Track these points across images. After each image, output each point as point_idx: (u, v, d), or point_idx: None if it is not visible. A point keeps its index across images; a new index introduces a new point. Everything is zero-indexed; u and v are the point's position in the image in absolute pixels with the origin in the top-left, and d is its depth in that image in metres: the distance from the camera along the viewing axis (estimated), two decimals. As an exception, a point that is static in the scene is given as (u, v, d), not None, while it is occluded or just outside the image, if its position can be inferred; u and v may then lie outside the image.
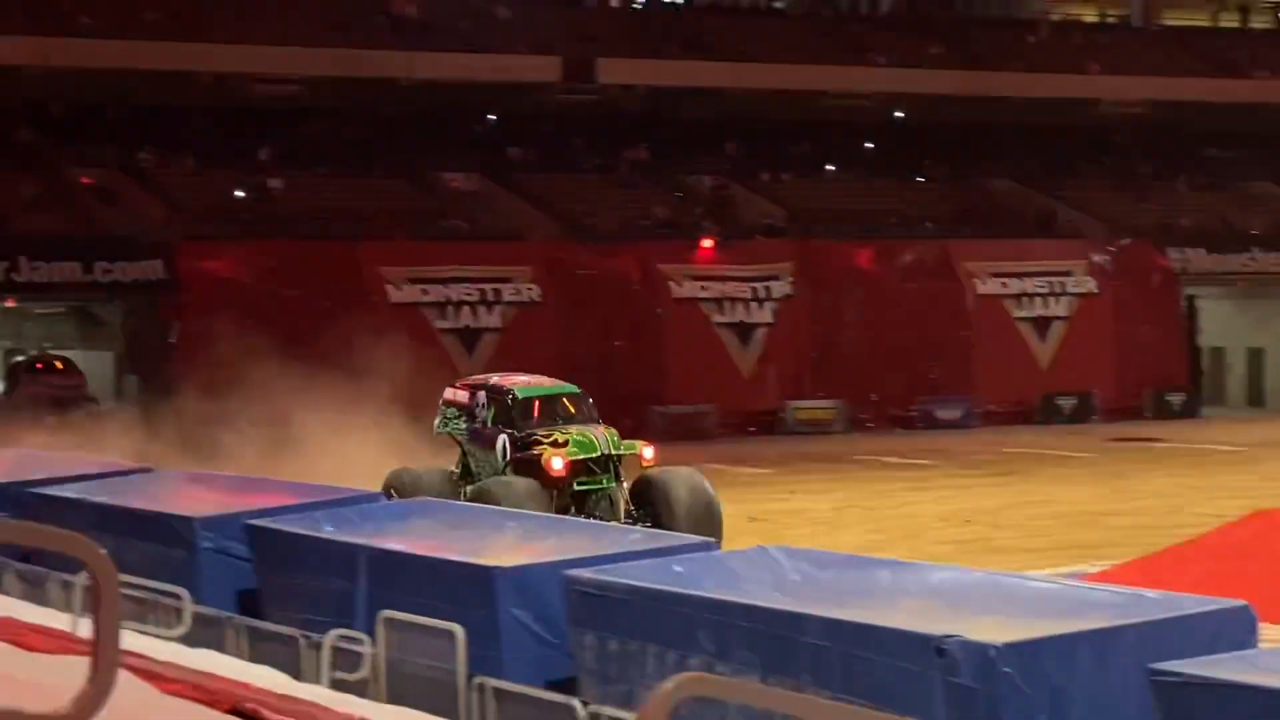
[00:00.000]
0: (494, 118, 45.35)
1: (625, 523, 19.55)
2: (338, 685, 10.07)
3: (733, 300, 39.42)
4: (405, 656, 10.88)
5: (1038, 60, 48.66)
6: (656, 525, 19.38)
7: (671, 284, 39.49)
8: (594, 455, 20.39)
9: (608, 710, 9.52)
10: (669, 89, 44.29)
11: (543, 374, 32.83)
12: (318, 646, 11.07)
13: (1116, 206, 46.66)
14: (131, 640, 7.82)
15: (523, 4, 47.94)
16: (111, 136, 40.89)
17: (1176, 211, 47.10)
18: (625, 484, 20.87)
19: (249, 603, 13.42)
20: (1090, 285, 42.23)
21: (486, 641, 11.01)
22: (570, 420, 21.47)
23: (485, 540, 13.75)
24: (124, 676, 4.84)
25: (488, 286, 37.75)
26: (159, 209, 38.80)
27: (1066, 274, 42.31)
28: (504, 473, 20.95)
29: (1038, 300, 41.59)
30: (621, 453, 20.85)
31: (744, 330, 39.01)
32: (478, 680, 10.48)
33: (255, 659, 10.43)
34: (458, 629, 10.53)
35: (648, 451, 21.26)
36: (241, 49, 40.38)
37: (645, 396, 32.45)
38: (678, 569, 11.40)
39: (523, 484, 19.28)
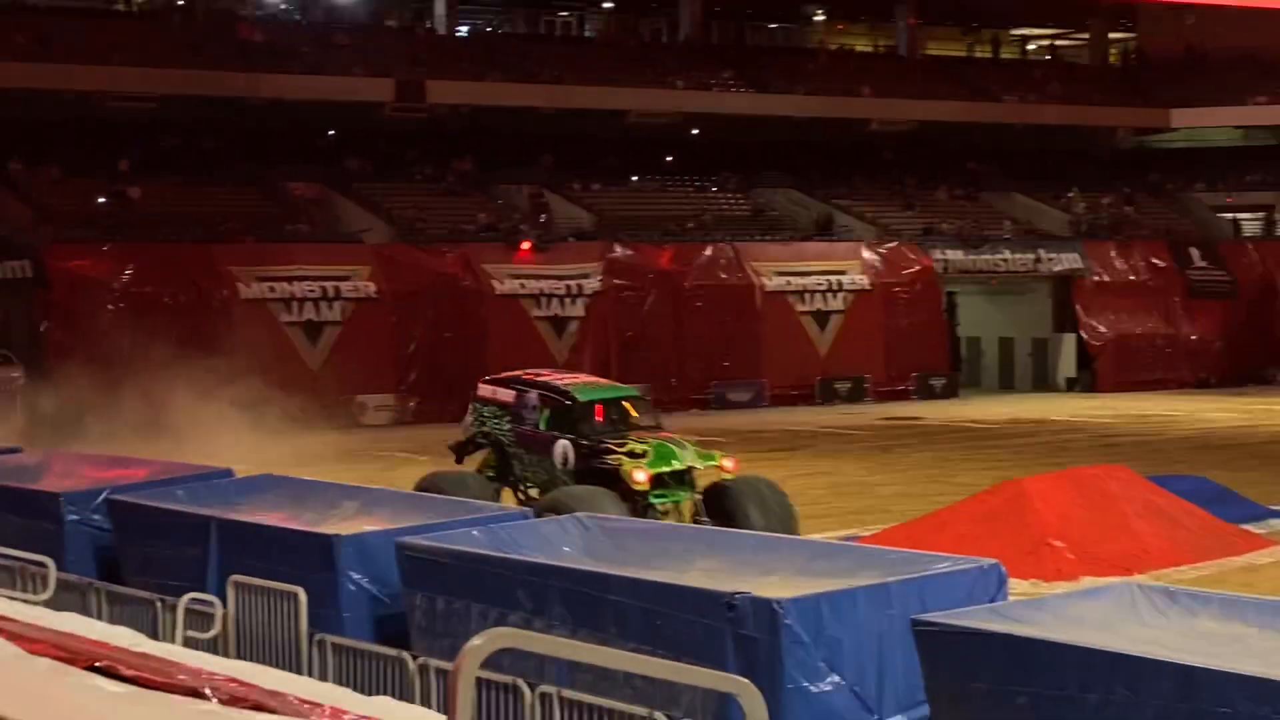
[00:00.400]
0: (334, 133, 45.33)
1: None
2: (190, 643, 10.00)
3: (549, 296, 39.56)
4: (252, 617, 10.82)
5: (817, 84, 49.35)
6: None
7: (494, 282, 39.36)
8: (677, 469, 18.24)
9: (435, 662, 9.51)
10: (491, 108, 44.72)
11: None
12: (173, 608, 11.07)
13: (886, 213, 47.19)
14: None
15: (360, 31, 47.83)
16: (-17, 148, 44.94)
17: (938, 217, 47.64)
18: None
19: (111, 570, 13.34)
20: (863, 282, 42.83)
21: (326, 602, 11.10)
22: (631, 425, 19.24)
23: (327, 512, 13.59)
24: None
25: (329, 284, 37.46)
26: (28, 214, 38.35)
27: (843, 273, 42.87)
28: (566, 480, 18.22)
29: (817, 296, 42.15)
30: (702, 465, 18.86)
31: (559, 323, 39.28)
32: (318, 637, 10.51)
33: (114, 621, 10.32)
34: (300, 591, 10.54)
35: (728, 463, 18.85)
36: (103, 69, 40.10)
37: (471, 381, 32.07)
38: (500, 535, 11.47)
39: (604, 494, 16.49)
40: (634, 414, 19.60)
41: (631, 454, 17.79)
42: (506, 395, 19.79)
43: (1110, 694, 7.41)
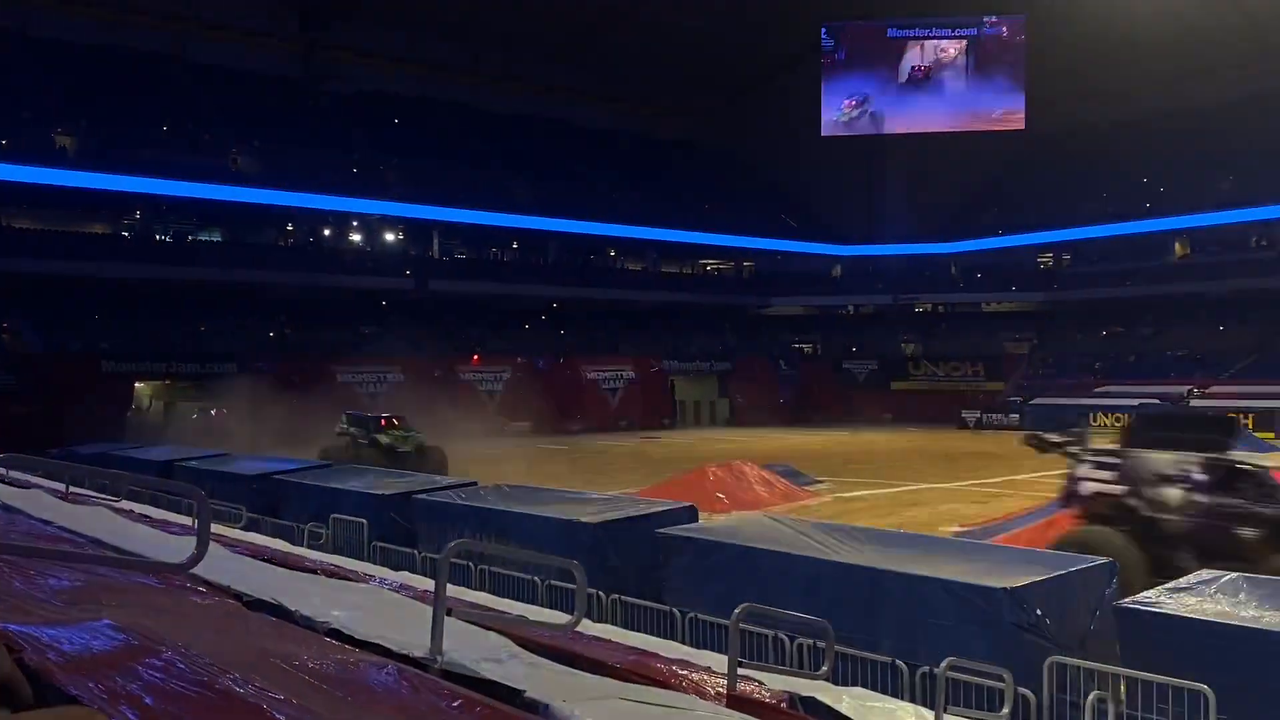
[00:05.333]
0: (385, 303, 50.33)
1: None
2: (311, 547, 10.81)
3: (486, 381, 46.94)
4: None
5: (613, 283, 57.95)
6: None
7: (460, 373, 46.07)
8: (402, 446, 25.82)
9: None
10: (462, 293, 51.70)
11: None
12: (302, 530, 12.22)
13: (640, 347, 55.38)
14: None
15: (391, 249, 52.35)
16: None
17: (671, 347, 56.26)
18: None
19: (272, 510, 14.41)
20: (630, 375, 51.30)
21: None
22: (403, 429, 27.65)
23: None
24: None
25: (380, 374, 43.88)
26: (251, 349, 42.48)
27: (623, 370, 51.52)
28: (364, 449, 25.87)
29: (609, 381, 50.34)
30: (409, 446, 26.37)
31: (490, 394, 46.29)
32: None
33: (273, 535, 11.06)
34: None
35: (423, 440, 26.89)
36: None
37: (441, 419, 34.31)
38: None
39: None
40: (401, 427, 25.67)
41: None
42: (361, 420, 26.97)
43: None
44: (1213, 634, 6.59)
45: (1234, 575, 7.66)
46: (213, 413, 37.43)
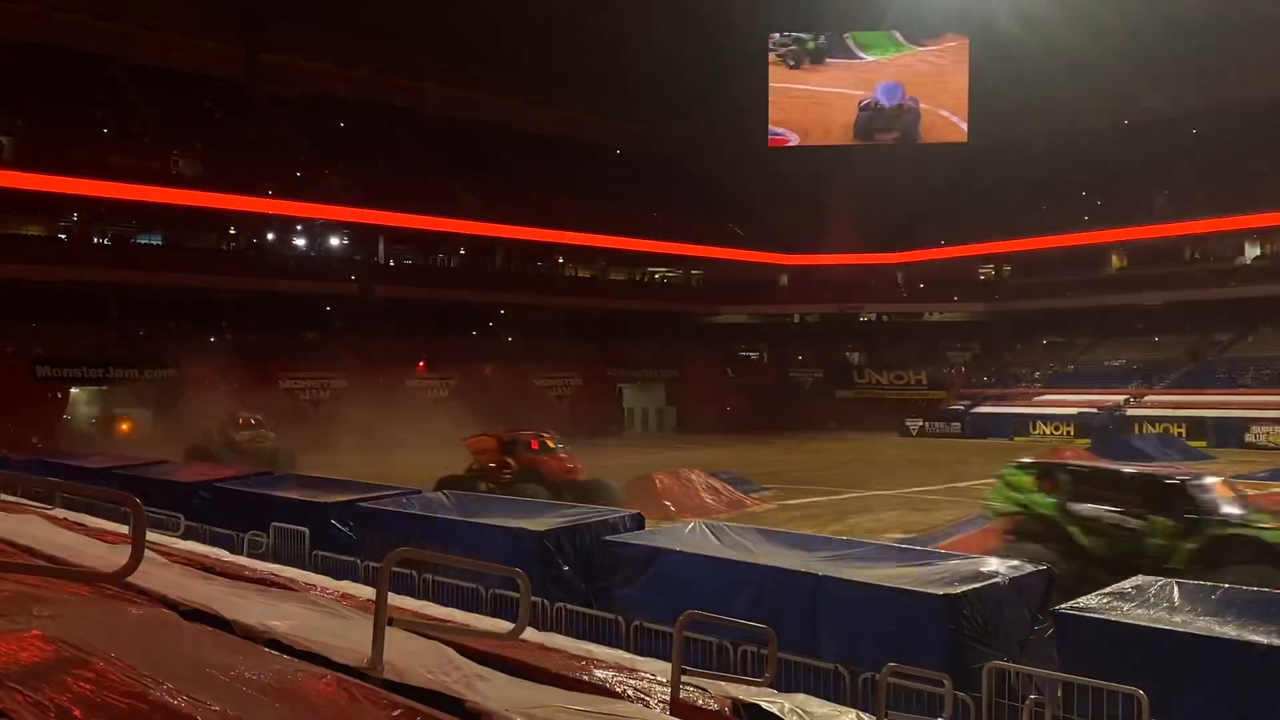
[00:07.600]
0: (329, 308, 49.31)
1: None
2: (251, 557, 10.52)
3: (433, 388, 45.79)
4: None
5: (561, 291, 56.82)
6: None
7: (406, 381, 45.03)
8: None
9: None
10: (404, 298, 50.91)
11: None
12: (242, 539, 11.98)
13: (589, 354, 54.74)
14: None
15: (338, 253, 51.57)
16: None
17: (618, 354, 55.95)
18: None
19: (207, 518, 13.72)
20: (579, 384, 51.20)
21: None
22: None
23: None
24: None
25: (324, 381, 43.51)
26: (182, 357, 40.70)
27: (570, 378, 51.82)
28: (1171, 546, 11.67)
29: (558, 389, 50.52)
30: None
31: (439, 400, 44.79)
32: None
33: (211, 543, 10.73)
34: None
35: None
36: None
37: (383, 423, 35.36)
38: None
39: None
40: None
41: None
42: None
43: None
44: (1147, 638, 6.75)
45: (1168, 581, 7.86)
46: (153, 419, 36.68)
